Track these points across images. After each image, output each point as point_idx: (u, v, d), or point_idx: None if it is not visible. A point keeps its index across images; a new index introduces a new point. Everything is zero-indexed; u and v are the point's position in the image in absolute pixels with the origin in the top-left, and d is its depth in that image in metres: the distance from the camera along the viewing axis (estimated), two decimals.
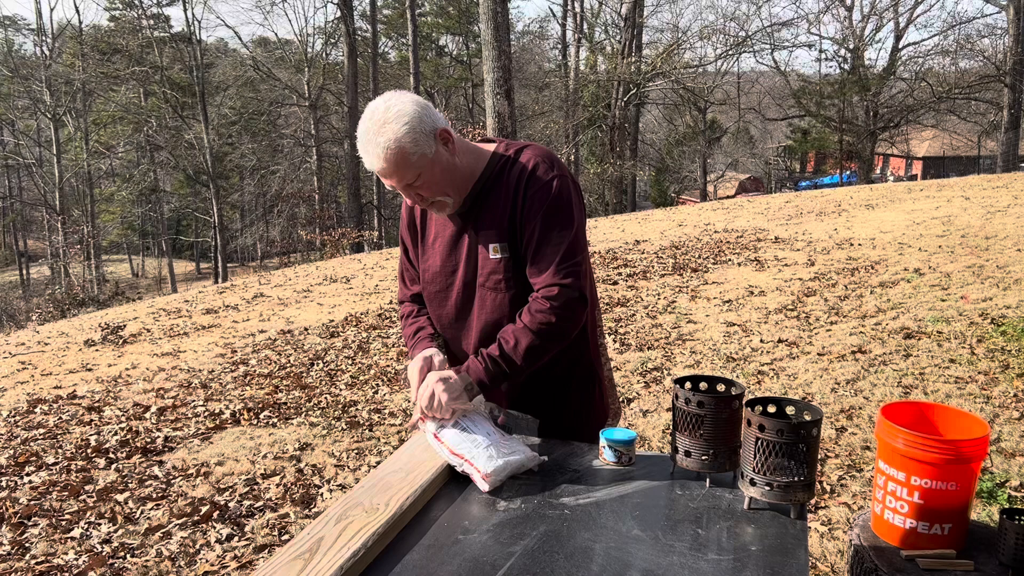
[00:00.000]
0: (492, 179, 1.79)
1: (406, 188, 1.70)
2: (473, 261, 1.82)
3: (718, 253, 9.29)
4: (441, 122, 1.69)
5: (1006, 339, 5.10)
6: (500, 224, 1.77)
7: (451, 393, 1.67)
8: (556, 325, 1.70)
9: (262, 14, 68.48)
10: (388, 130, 1.61)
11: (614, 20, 30.09)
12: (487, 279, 1.80)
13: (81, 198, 31.60)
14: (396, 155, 1.62)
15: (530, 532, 1.40)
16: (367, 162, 1.66)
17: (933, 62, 31.33)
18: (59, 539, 3.24)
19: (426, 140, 1.65)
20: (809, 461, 1.43)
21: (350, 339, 6.71)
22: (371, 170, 1.67)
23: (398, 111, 1.63)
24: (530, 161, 1.77)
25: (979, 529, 1.70)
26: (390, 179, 1.67)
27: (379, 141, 1.62)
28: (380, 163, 1.63)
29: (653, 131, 38.91)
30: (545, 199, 1.73)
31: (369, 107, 1.66)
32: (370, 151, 1.63)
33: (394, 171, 1.65)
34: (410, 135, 1.62)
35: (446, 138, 1.70)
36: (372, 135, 1.63)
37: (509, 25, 11.54)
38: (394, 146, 1.61)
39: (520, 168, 1.77)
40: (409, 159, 1.64)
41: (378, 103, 1.65)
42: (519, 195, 1.75)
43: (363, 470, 3.88)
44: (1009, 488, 3.21)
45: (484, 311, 1.83)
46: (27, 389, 5.80)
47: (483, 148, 1.82)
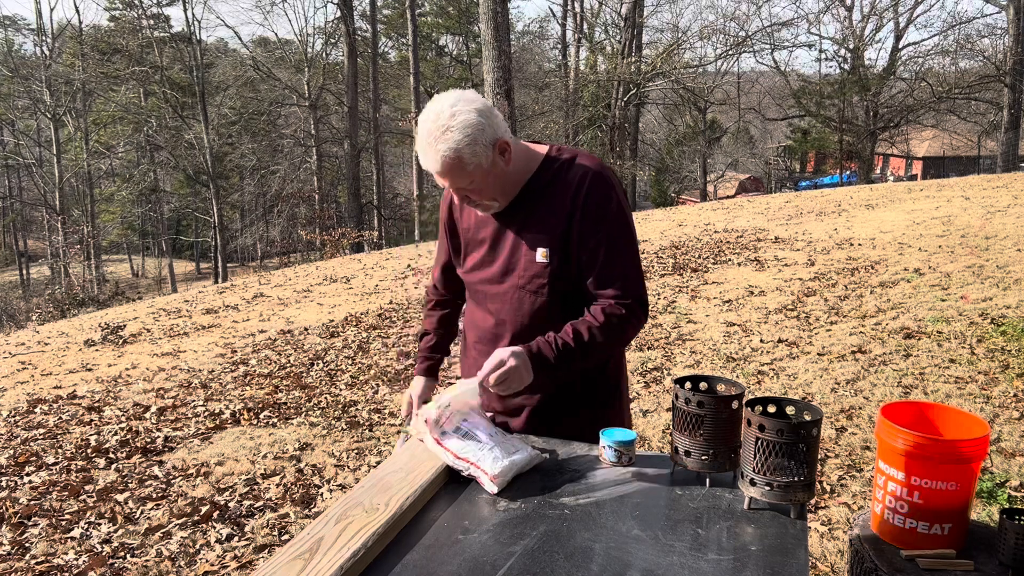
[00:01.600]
0: (544, 182, 1.79)
1: (456, 190, 1.73)
2: (516, 261, 1.81)
3: (718, 253, 9.29)
4: (501, 131, 1.69)
5: (1006, 339, 5.10)
6: (552, 230, 1.76)
7: (522, 372, 1.66)
8: (626, 331, 1.77)
9: (262, 14, 68.46)
10: (449, 138, 1.61)
11: (614, 20, 30.10)
12: (529, 282, 1.79)
13: (81, 198, 31.61)
14: (453, 164, 1.64)
15: (530, 532, 1.40)
16: (423, 161, 1.66)
17: (933, 62, 31.37)
18: (59, 539, 3.24)
19: (484, 152, 1.65)
20: (809, 461, 1.43)
21: (350, 339, 6.71)
22: (424, 168, 1.69)
23: (463, 121, 1.62)
24: (589, 172, 1.76)
25: (979, 529, 1.70)
26: (442, 180, 1.70)
27: (439, 148, 1.62)
28: (435, 167, 1.65)
29: (653, 131, 38.91)
30: (610, 212, 1.75)
31: (433, 106, 1.65)
32: (428, 154, 1.64)
33: (447, 176, 1.67)
34: (470, 147, 1.63)
35: (504, 149, 1.70)
36: (433, 139, 1.63)
37: (509, 25, 11.53)
38: (452, 155, 1.62)
39: (577, 176, 1.76)
40: (464, 168, 1.65)
41: (444, 104, 1.64)
42: (578, 205, 1.74)
43: (363, 470, 3.88)
44: (1009, 488, 3.21)
45: (521, 314, 1.82)
46: (27, 389, 5.80)
47: (535, 150, 1.82)
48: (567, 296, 1.79)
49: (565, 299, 1.79)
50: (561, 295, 1.79)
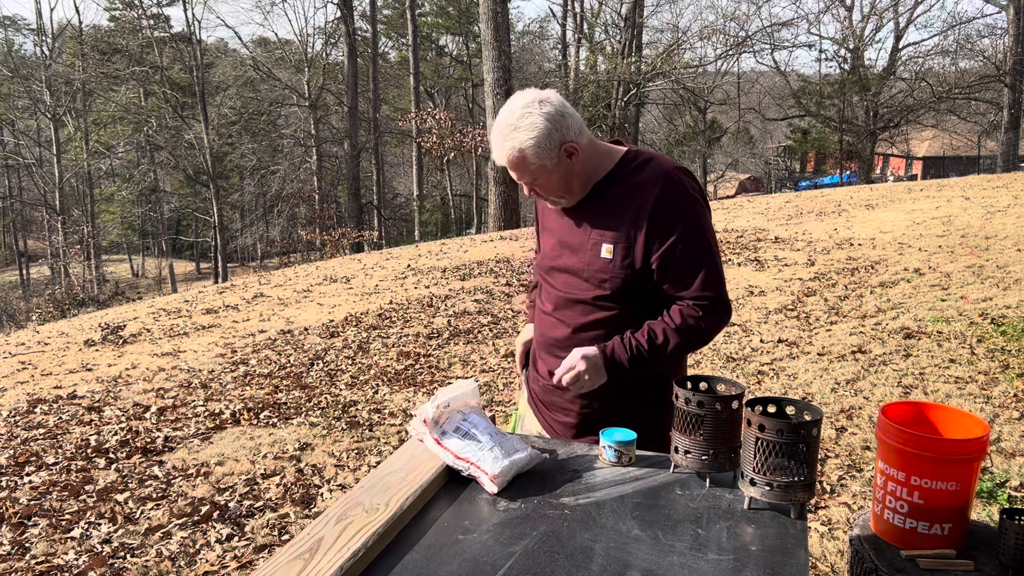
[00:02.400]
0: (617, 182, 1.83)
1: (525, 183, 1.82)
2: (584, 255, 1.85)
3: None
4: (572, 134, 1.75)
5: (1006, 339, 5.10)
6: (618, 228, 1.80)
7: (594, 374, 1.76)
8: (704, 332, 1.80)
9: (262, 14, 68.58)
10: (516, 137, 1.72)
11: (614, 20, 30.09)
12: (592, 276, 1.83)
13: (81, 198, 31.61)
14: (518, 161, 1.74)
15: (530, 532, 1.40)
16: (493, 153, 1.78)
17: (933, 62, 31.37)
18: (59, 539, 3.24)
19: (549, 153, 1.74)
20: (809, 461, 1.43)
21: (350, 339, 6.71)
22: (496, 155, 1.78)
23: (530, 123, 1.71)
24: (661, 174, 1.79)
25: (979, 529, 1.70)
26: (512, 172, 1.80)
27: (505, 144, 1.73)
28: (502, 161, 1.77)
29: (653, 131, 38.89)
30: (682, 213, 1.77)
31: (513, 101, 1.75)
32: (497, 147, 1.75)
33: (514, 170, 1.78)
34: (534, 148, 1.72)
35: (571, 152, 1.76)
36: (502, 135, 1.74)
37: (509, 25, 11.53)
38: (517, 154, 1.73)
39: (649, 178, 1.79)
40: (529, 167, 1.75)
41: (518, 104, 1.74)
42: (647, 206, 1.77)
43: (363, 470, 3.88)
44: (1009, 488, 3.21)
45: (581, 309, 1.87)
46: (27, 389, 5.80)
47: (614, 149, 1.88)
48: (628, 294, 1.82)
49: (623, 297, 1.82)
50: (620, 293, 1.82)
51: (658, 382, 1.88)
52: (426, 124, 20.13)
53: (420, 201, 27.56)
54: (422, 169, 27.09)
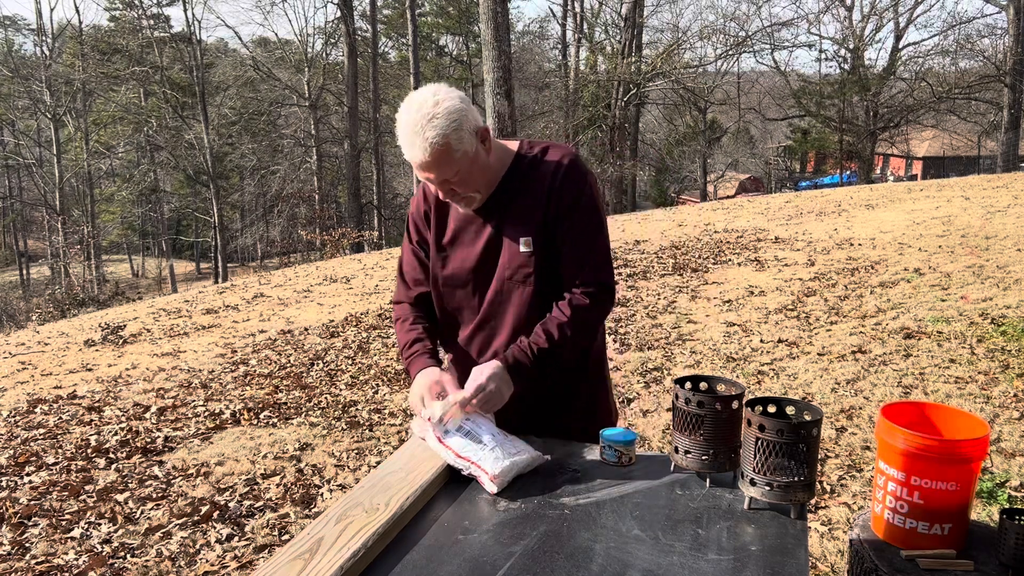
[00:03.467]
0: (520, 176, 1.82)
1: (442, 183, 1.72)
2: (501, 255, 1.83)
3: (718, 253, 9.29)
4: (480, 120, 1.71)
5: (1006, 339, 5.10)
6: (531, 219, 1.80)
7: (503, 385, 1.70)
8: (593, 320, 1.80)
9: (262, 14, 68.54)
10: (436, 125, 1.62)
11: (614, 20, 30.09)
12: (516, 272, 1.81)
13: (81, 198, 31.61)
14: (441, 151, 1.64)
15: (530, 532, 1.40)
16: (409, 154, 1.66)
17: (933, 62, 31.36)
18: (59, 539, 3.24)
19: (469, 138, 1.68)
20: (809, 461, 1.43)
21: (350, 339, 6.71)
22: (410, 160, 1.67)
23: (447, 107, 1.63)
24: (561, 160, 1.80)
25: (979, 529, 1.70)
26: (428, 172, 1.68)
27: (427, 136, 1.62)
28: (423, 157, 1.64)
29: (653, 131, 38.89)
30: (580, 198, 1.78)
31: (415, 98, 1.66)
32: (416, 144, 1.64)
33: (435, 166, 1.66)
34: (456, 133, 1.64)
35: (484, 137, 1.73)
36: (419, 128, 1.63)
37: (509, 25, 11.53)
38: (441, 142, 1.63)
39: (551, 166, 1.80)
40: (452, 156, 1.66)
41: (425, 95, 1.65)
42: (552, 193, 1.78)
43: (363, 470, 3.88)
44: (1009, 488, 3.21)
45: (515, 306, 1.84)
46: (27, 389, 5.80)
47: (508, 145, 1.86)
48: (555, 284, 1.82)
49: (552, 288, 1.82)
50: (544, 283, 1.81)
51: (588, 359, 1.92)
52: None
53: None
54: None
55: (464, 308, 1.91)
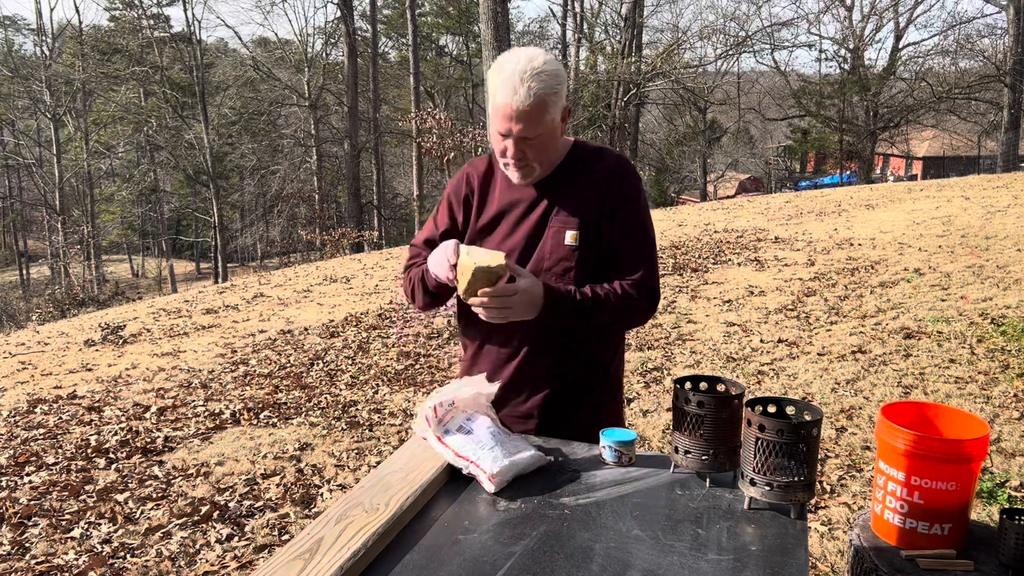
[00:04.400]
0: (576, 167, 1.82)
1: (519, 140, 1.70)
2: (543, 244, 1.80)
3: (718, 253, 9.29)
4: None
5: (1006, 339, 5.10)
6: (584, 214, 1.78)
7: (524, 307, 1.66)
8: (633, 314, 1.79)
9: (262, 14, 68.58)
10: (543, 80, 1.63)
11: (614, 20, 30.07)
12: (556, 264, 1.79)
13: (81, 198, 31.61)
14: (538, 106, 1.64)
15: (530, 532, 1.40)
16: (507, 98, 1.64)
17: (933, 62, 31.37)
18: (59, 539, 3.24)
19: (559, 108, 1.70)
20: (809, 461, 1.43)
21: (350, 339, 6.71)
22: (503, 105, 1.65)
23: (555, 70, 1.66)
24: (619, 162, 1.83)
25: (979, 529, 1.70)
26: (517, 123, 1.66)
27: (531, 85, 1.63)
28: (522, 105, 1.64)
29: (653, 131, 38.89)
30: (638, 202, 1.81)
31: (523, 50, 1.67)
32: (519, 90, 1.63)
33: (527, 118, 1.66)
34: (555, 97, 1.66)
35: (566, 115, 1.74)
36: (527, 76, 1.63)
37: (509, 25, 11.53)
38: (542, 97, 1.64)
39: (609, 165, 1.82)
40: (543, 117, 1.67)
41: (535, 52, 1.67)
42: (611, 191, 1.78)
43: (363, 470, 3.88)
44: (1009, 488, 3.21)
45: None
46: (27, 389, 5.80)
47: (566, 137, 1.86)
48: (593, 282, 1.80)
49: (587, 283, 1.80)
50: (584, 282, 1.79)
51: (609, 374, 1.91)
52: (426, 124, 20.12)
53: (420, 201, 27.54)
54: (422, 169, 27.10)
55: None
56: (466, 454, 1.60)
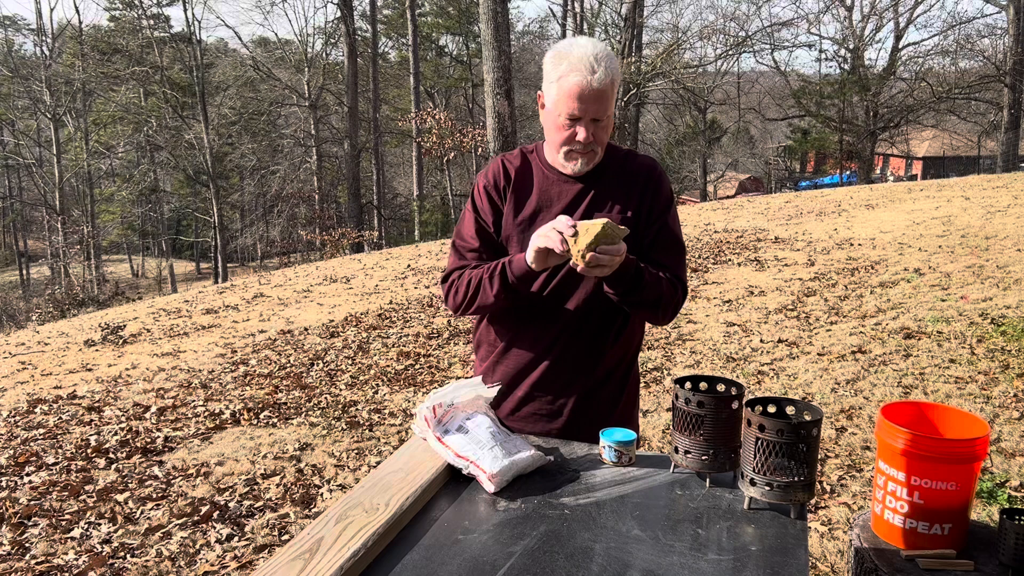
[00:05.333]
0: (612, 166, 1.86)
1: (592, 121, 1.74)
2: None
3: (718, 253, 9.29)
4: None
5: (1006, 339, 5.10)
6: (623, 212, 1.83)
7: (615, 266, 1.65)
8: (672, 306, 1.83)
9: (262, 14, 68.56)
10: (613, 65, 1.71)
11: (614, 20, 30.07)
12: None
13: (81, 198, 31.61)
14: (609, 87, 1.71)
15: (530, 532, 1.40)
16: (581, 77, 1.68)
17: (933, 62, 31.37)
18: (59, 539, 3.24)
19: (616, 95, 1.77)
20: (809, 461, 1.43)
21: (350, 339, 6.71)
22: (583, 83, 1.69)
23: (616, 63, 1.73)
24: (653, 164, 1.91)
25: (979, 529, 1.70)
26: (591, 103, 1.71)
27: (606, 65, 1.69)
28: (598, 84, 1.69)
29: (653, 131, 38.90)
30: (672, 203, 1.87)
31: (586, 38, 1.75)
32: (596, 69, 1.68)
33: (600, 98, 1.71)
34: (618, 82, 1.75)
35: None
36: (601, 57, 1.69)
37: (509, 25, 11.53)
38: (611, 79, 1.70)
39: (646, 166, 1.89)
40: (610, 99, 1.74)
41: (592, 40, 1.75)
42: (648, 191, 1.85)
43: (363, 470, 3.88)
44: (1009, 488, 3.21)
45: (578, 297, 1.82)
46: (27, 389, 5.80)
47: None
48: None
49: None
50: None
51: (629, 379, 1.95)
52: (426, 124, 20.12)
53: (420, 201, 27.55)
54: (422, 169, 27.12)
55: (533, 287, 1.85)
56: (466, 454, 1.60)
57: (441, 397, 1.68)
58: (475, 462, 1.58)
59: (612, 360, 1.89)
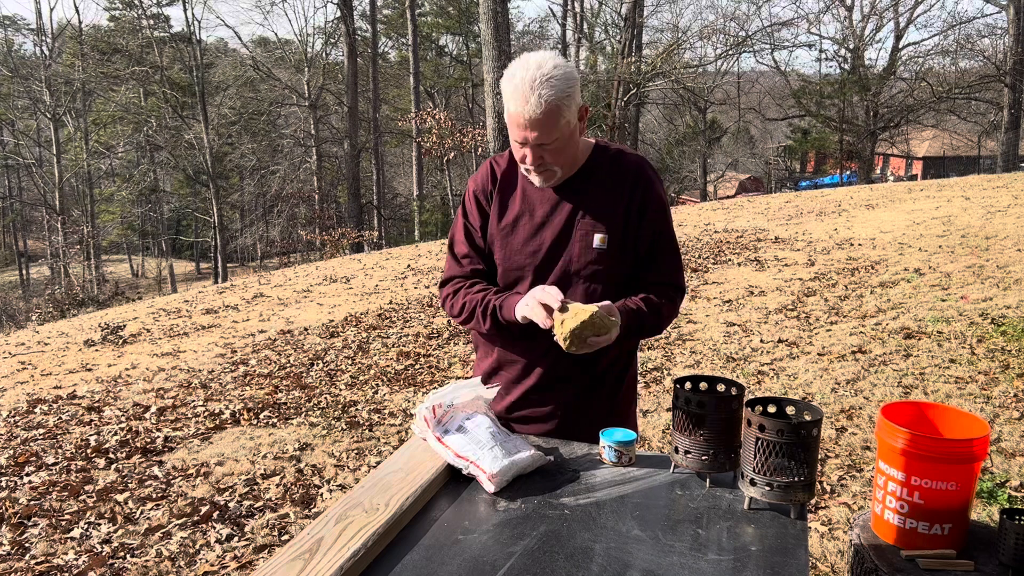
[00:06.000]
0: (601, 168, 1.82)
1: (538, 147, 1.70)
2: (570, 248, 1.80)
3: (718, 253, 9.29)
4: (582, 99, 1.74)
5: (1006, 339, 5.10)
6: (611, 216, 1.79)
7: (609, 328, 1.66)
8: (675, 312, 1.85)
9: (262, 14, 68.62)
10: (553, 85, 1.62)
11: (614, 20, 30.09)
12: (584, 267, 1.79)
13: (81, 198, 31.60)
14: (552, 112, 1.64)
15: (530, 532, 1.40)
16: (518, 108, 1.64)
17: (933, 62, 31.37)
18: (59, 539, 3.24)
19: (574, 110, 1.69)
20: (809, 461, 1.43)
21: (350, 339, 6.71)
22: (516, 116, 1.65)
23: (565, 72, 1.65)
24: (642, 163, 1.85)
25: (979, 529, 1.70)
26: (532, 131, 1.66)
27: (542, 93, 1.62)
28: (534, 113, 1.63)
29: (653, 131, 38.89)
30: (663, 203, 1.83)
31: (533, 57, 1.66)
32: (530, 99, 1.62)
33: (541, 126, 1.65)
34: (568, 100, 1.65)
35: (583, 115, 1.73)
36: (536, 84, 1.62)
37: (509, 25, 11.53)
38: (554, 103, 1.63)
39: (633, 167, 1.82)
40: (558, 121, 1.66)
41: (545, 56, 1.66)
42: (636, 193, 1.80)
43: (363, 470, 3.88)
44: (1009, 488, 3.21)
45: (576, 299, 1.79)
46: (27, 389, 5.79)
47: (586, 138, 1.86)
48: (617, 285, 1.81)
49: (616, 288, 1.81)
50: (610, 283, 1.80)
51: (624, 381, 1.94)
52: (426, 124, 20.12)
53: (420, 201, 27.54)
54: (422, 169, 27.11)
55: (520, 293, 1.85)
56: (466, 454, 1.60)
57: (441, 397, 1.68)
58: (475, 462, 1.58)
59: (607, 361, 1.87)
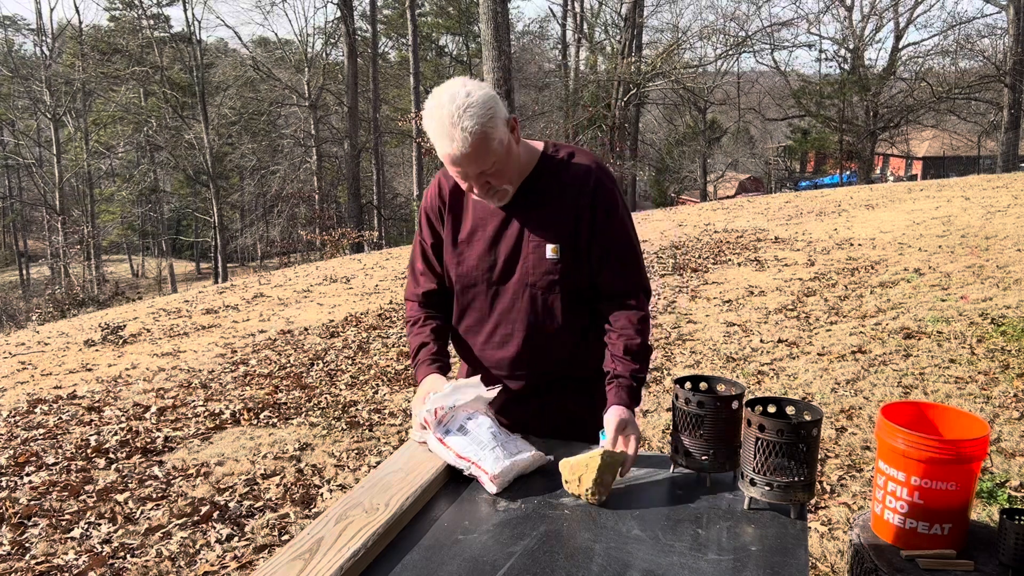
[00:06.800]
0: (548, 176, 1.78)
1: (478, 176, 1.67)
2: (524, 259, 1.79)
3: (718, 253, 9.29)
4: (506, 110, 1.69)
5: (1006, 339, 5.10)
6: (561, 225, 1.76)
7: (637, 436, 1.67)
8: (648, 326, 1.80)
9: (262, 14, 68.55)
10: (472, 115, 1.58)
11: (614, 20, 30.11)
12: (541, 279, 1.77)
13: (81, 198, 31.61)
14: (480, 141, 1.60)
15: (530, 532, 1.40)
16: (445, 148, 1.61)
17: (933, 62, 31.35)
18: (59, 539, 3.24)
19: (503, 127, 1.65)
20: (809, 461, 1.43)
21: (350, 339, 6.71)
22: (447, 153, 1.62)
23: (481, 96, 1.60)
24: (591, 167, 1.78)
25: (979, 529, 1.70)
26: (466, 166, 1.63)
27: (464, 126, 1.58)
28: (463, 149, 1.59)
29: (653, 131, 38.89)
30: (616, 206, 1.78)
31: (445, 91, 1.62)
32: (455, 136, 1.59)
33: (474, 158, 1.61)
34: (492, 121, 1.61)
35: (514, 126, 1.70)
36: (456, 119, 1.58)
37: (509, 25, 11.53)
38: (479, 132, 1.59)
39: (581, 171, 1.77)
40: (490, 145, 1.62)
41: (455, 87, 1.62)
42: (584, 200, 1.75)
43: (363, 470, 3.88)
44: (1009, 488, 3.21)
45: (533, 312, 1.80)
46: (27, 389, 5.79)
47: (532, 144, 1.82)
48: (575, 294, 1.79)
49: (573, 297, 1.79)
50: (568, 291, 1.78)
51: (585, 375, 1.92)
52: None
53: (420, 201, 27.54)
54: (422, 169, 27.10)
55: (478, 308, 1.87)
56: (467, 455, 1.60)
57: (441, 400, 1.68)
58: (477, 463, 1.58)
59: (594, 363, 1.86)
